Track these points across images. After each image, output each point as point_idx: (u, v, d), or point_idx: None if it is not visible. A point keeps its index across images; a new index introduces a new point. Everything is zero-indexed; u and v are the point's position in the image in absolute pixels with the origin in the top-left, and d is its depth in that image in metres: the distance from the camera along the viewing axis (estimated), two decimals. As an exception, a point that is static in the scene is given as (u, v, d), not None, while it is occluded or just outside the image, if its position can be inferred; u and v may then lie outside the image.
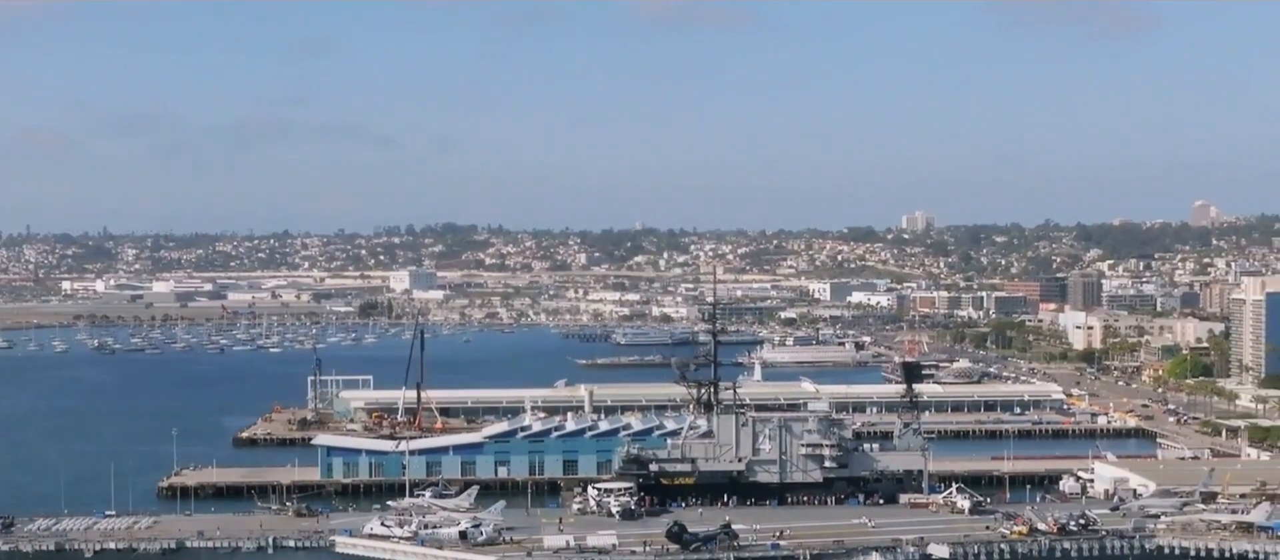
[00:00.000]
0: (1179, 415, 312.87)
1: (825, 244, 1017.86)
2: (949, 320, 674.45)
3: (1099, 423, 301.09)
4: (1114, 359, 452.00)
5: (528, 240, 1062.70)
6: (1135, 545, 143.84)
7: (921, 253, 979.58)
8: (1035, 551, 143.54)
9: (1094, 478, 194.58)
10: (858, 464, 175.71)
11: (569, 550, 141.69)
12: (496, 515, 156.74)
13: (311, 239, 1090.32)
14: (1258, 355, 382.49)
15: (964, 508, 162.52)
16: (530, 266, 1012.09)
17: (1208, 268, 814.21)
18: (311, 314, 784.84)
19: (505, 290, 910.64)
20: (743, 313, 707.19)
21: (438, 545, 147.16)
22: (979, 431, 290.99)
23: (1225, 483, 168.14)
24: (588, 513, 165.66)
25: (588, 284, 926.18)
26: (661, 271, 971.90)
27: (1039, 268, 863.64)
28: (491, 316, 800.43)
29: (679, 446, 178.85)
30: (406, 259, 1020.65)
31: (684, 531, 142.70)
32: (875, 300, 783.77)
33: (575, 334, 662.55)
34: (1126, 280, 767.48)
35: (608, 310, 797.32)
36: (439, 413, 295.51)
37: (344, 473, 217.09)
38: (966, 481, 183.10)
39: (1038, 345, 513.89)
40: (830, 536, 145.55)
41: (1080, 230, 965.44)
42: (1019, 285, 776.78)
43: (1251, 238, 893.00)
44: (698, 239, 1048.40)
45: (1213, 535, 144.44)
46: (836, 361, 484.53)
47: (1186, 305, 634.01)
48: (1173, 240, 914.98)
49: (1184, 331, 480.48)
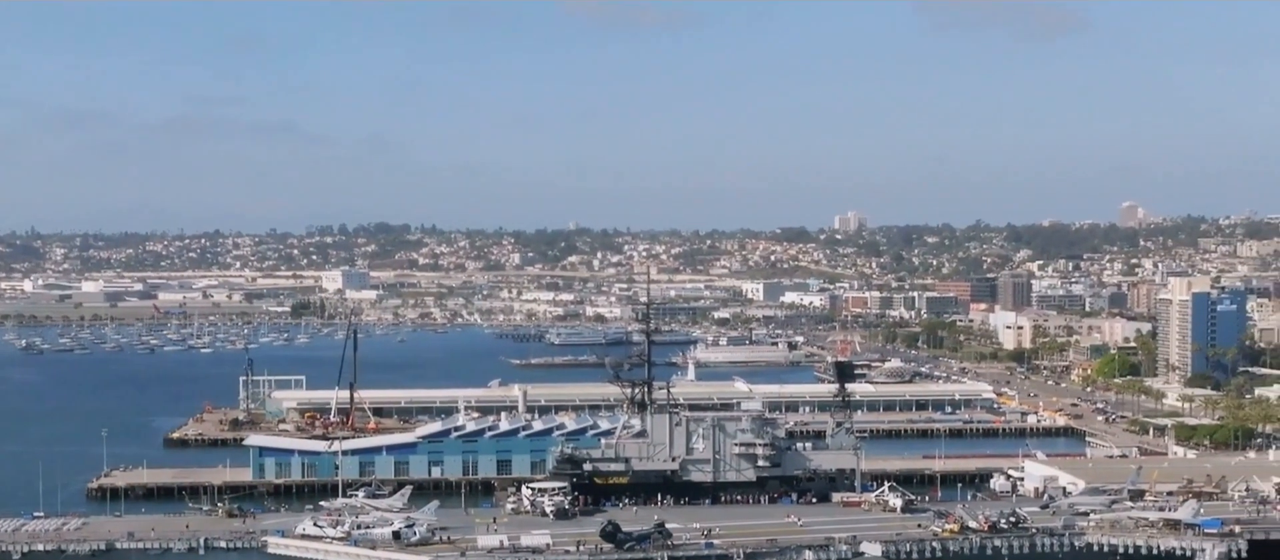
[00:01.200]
0: (1107, 414, 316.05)
1: (758, 244, 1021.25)
2: (881, 320, 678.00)
3: (1029, 422, 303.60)
4: (1043, 359, 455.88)
5: (461, 240, 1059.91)
6: (1065, 543, 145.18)
7: (854, 253, 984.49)
8: (966, 549, 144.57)
9: (1024, 476, 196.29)
10: (791, 463, 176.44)
11: (503, 550, 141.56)
12: (430, 515, 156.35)
13: (243, 238, 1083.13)
14: (1184, 355, 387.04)
15: (896, 506, 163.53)
16: (464, 266, 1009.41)
17: (1135, 268, 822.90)
18: (243, 314, 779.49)
19: (439, 290, 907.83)
20: (676, 313, 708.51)
21: (371, 545, 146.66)
22: (911, 430, 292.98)
23: (1153, 480, 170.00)
24: (522, 512, 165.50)
25: (521, 284, 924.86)
26: (595, 271, 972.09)
27: (970, 268, 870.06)
28: (425, 316, 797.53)
29: (613, 446, 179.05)
30: (339, 259, 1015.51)
31: (618, 531, 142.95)
32: (808, 300, 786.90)
33: (509, 334, 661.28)
34: (1056, 280, 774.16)
35: (541, 310, 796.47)
36: (372, 413, 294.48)
37: (276, 473, 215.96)
38: (898, 480, 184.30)
39: (968, 345, 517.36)
40: (763, 535, 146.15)
41: (1010, 231, 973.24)
42: (950, 285, 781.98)
43: (1178, 239, 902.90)
44: (631, 239, 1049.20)
45: (1140, 532, 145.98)
46: (769, 361, 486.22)
47: (1114, 305, 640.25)
48: (1101, 241, 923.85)
49: (1112, 331, 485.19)
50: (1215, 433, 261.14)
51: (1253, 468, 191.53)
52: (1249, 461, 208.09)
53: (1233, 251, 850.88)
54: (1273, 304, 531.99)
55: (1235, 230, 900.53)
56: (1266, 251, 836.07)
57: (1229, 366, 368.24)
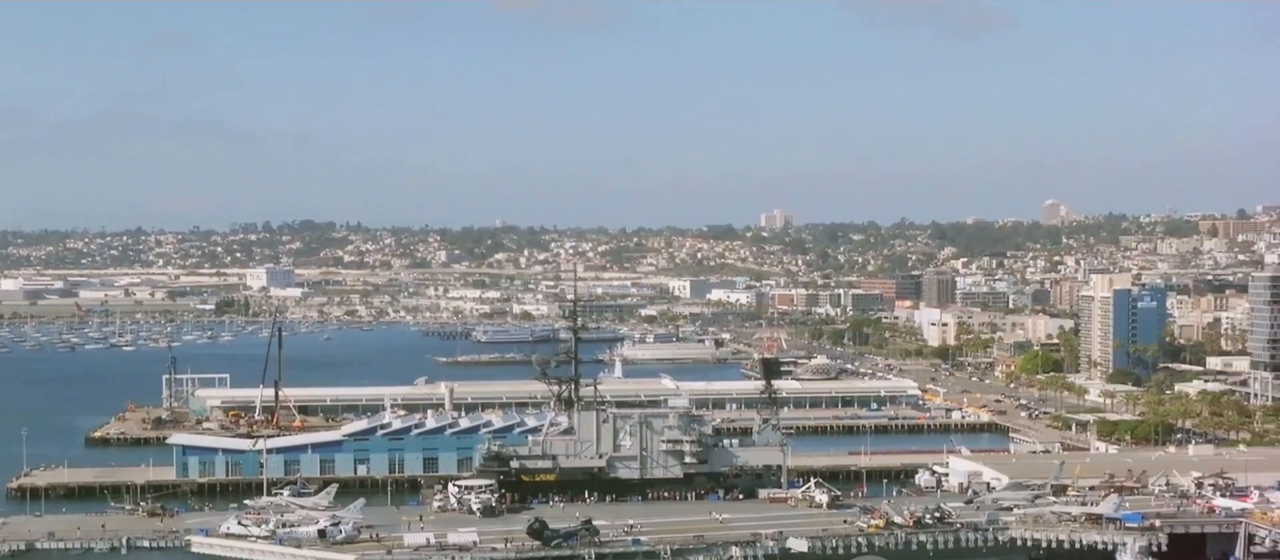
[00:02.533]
0: (1030, 410, 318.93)
1: (685, 242, 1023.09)
2: (807, 317, 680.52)
3: (953, 418, 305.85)
4: (968, 355, 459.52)
5: (387, 237, 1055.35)
6: (988, 537, 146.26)
7: (780, 251, 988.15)
8: (891, 544, 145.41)
9: (948, 472, 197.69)
10: (717, 460, 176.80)
11: (429, 548, 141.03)
12: (356, 513, 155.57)
13: (166, 236, 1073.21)
14: (1105, 351, 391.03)
15: (822, 502, 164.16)
16: (390, 264, 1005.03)
17: (1058, 265, 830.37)
18: (166, 312, 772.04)
19: (364, 288, 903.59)
20: (603, 310, 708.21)
21: (296, 544, 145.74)
22: (836, 427, 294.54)
23: (1075, 475, 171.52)
24: (448, 510, 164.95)
25: (448, 281, 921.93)
26: (522, 269, 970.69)
27: (895, 265, 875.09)
28: (351, 314, 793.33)
29: (540, 443, 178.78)
30: (264, 256, 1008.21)
31: (545, 528, 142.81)
32: (734, 298, 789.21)
33: (435, 331, 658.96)
34: (980, 278, 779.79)
35: (468, 308, 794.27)
36: (298, 411, 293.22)
37: (200, 472, 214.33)
38: (824, 476, 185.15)
39: (894, 342, 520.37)
40: (689, 532, 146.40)
41: (935, 229, 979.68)
42: (875, 283, 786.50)
43: (1099, 236, 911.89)
44: (558, 236, 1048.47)
45: (1063, 527, 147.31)
46: (696, 358, 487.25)
47: (1037, 302, 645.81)
48: (1024, 239, 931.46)
49: (1035, 328, 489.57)
50: (1136, 428, 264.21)
51: (1173, 462, 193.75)
52: (1169, 456, 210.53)
53: (1153, 249, 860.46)
54: (1192, 301, 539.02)
55: (1156, 228, 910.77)
56: (1186, 249, 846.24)
57: (1150, 363, 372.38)
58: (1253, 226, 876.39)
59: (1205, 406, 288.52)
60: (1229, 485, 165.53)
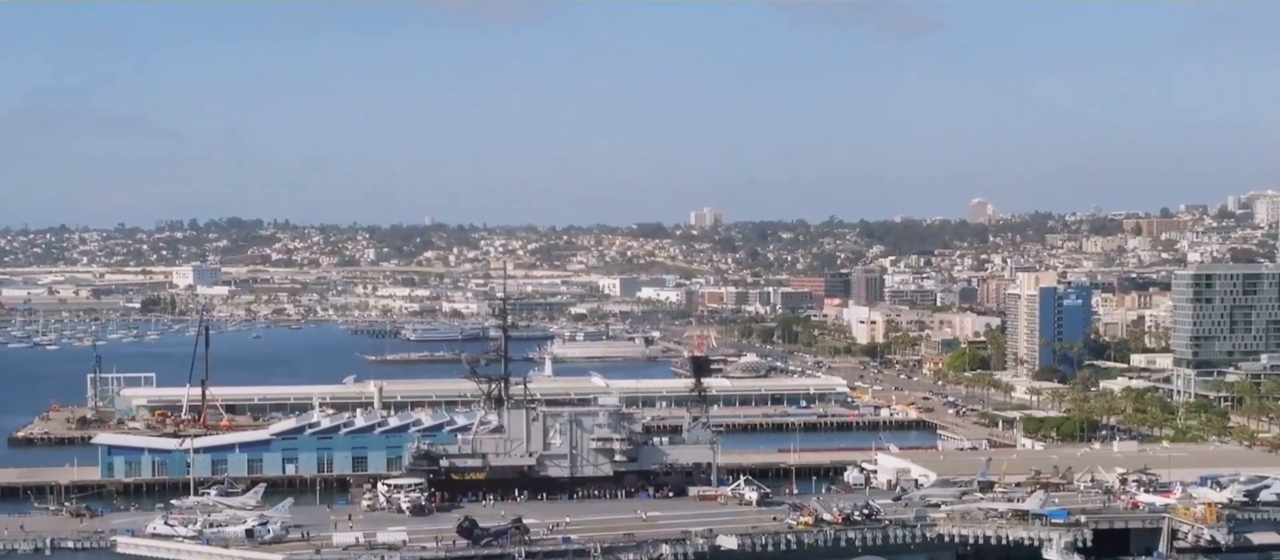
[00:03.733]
0: (958, 407, 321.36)
1: (615, 240, 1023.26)
2: (737, 315, 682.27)
3: (882, 415, 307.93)
4: (896, 353, 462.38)
5: (315, 235, 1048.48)
6: (916, 534, 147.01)
7: (710, 249, 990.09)
8: (821, 541, 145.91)
9: (877, 469, 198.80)
10: (647, 458, 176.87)
11: (358, 547, 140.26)
12: (284, 513, 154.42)
13: (91, 233, 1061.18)
14: (1032, 348, 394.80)
15: (752, 500, 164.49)
16: (318, 262, 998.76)
17: (985, 264, 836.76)
18: (91, 310, 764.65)
19: (292, 286, 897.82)
20: (533, 308, 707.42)
21: (223, 544, 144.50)
22: (766, 425, 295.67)
23: (1002, 472, 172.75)
24: (378, 509, 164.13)
25: (377, 280, 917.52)
26: (451, 267, 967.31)
27: (824, 264, 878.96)
28: (279, 312, 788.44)
29: (469, 442, 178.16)
30: (190, 254, 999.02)
31: (475, 527, 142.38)
32: (664, 296, 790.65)
33: (364, 330, 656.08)
34: (908, 276, 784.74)
35: (397, 306, 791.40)
36: (225, 410, 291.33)
37: (126, 472, 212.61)
38: (754, 474, 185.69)
39: (823, 340, 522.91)
40: (621, 529, 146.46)
41: (863, 227, 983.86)
42: (804, 281, 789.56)
43: (1026, 235, 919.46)
44: (488, 235, 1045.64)
45: (990, 523, 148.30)
46: (626, 356, 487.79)
47: (965, 300, 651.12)
48: (952, 237, 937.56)
49: (962, 326, 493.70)
50: (1062, 425, 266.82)
51: (1098, 458, 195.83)
52: (1094, 452, 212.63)
53: (1078, 247, 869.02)
54: (1116, 299, 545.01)
55: (1081, 227, 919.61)
56: (1110, 247, 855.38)
57: (1075, 360, 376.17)
58: (1176, 225, 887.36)
59: (1129, 403, 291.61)
60: (1152, 481, 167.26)
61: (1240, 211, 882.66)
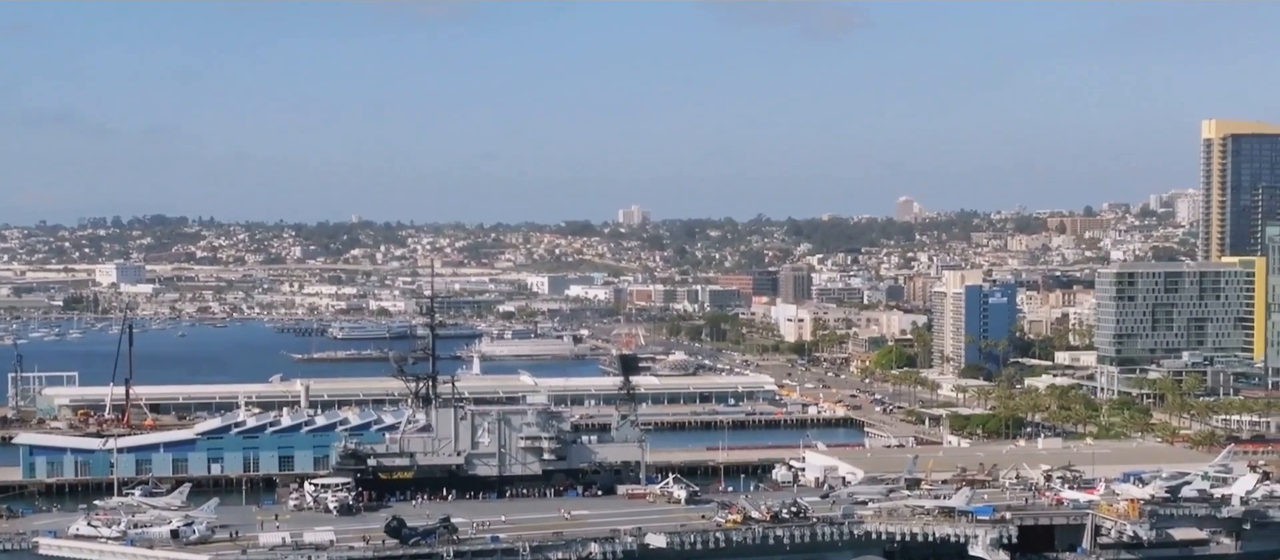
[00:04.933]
0: (885, 405, 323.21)
1: (543, 237, 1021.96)
2: (665, 313, 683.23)
3: (810, 413, 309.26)
4: (823, 351, 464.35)
5: (241, 233, 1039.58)
6: (844, 531, 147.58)
7: (638, 246, 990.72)
8: (749, 539, 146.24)
9: (805, 466, 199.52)
10: (576, 456, 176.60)
11: (285, 547, 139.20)
12: (210, 513, 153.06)
13: (12, 230, 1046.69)
14: (958, 346, 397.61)
15: (680, 498, 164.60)
16: (243, 259, 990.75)
17: (911, 262, 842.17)
18: (11, 308, 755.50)
19: (218, 284, 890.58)
20: (461, 306, 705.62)
21: (148, 545, 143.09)
22: (694, 423, 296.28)
23: (928, 469, 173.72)
24: (304, 509, 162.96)
25: (303, 277, 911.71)
26: (378, 265, 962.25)
27: (752, 261, 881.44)
28: (204, 311, 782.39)
29: (397, 441, 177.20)
30: (113, 252, 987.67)
31: (403, 526, 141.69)
32: (593, 294, 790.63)
33: (291, 328, 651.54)
34: (835, 274, 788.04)
35: (324, 304, 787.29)
36: (149, 409, 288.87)
37: (48, 472, 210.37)
38: (683, 472, 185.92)
39: (751, 338, 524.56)
40: (549, 528, 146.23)
41: (791, 225, 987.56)
42: (732, 279, 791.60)
43: (952, 233, 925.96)
44: (415, 232, 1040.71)
45: (917, 520, 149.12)
46: (555, 355, 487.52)
47: (892, 298, 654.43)
48: (879, 235, 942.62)
49: (889, 324, 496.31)
50: (987, 422, 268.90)
51: (1023, 456, 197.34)
52: (1019, 449, 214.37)
53: (1003, 246, 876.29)
54: (1041, 297, 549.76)
55: (1006, 225, 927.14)
56: (1035, 246, 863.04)
57: (1000, 357, 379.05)
58: (1099, 224, 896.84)
59: (1054, 400, 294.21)
60: (1077, 478, 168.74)
61: (1162, 210, 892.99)
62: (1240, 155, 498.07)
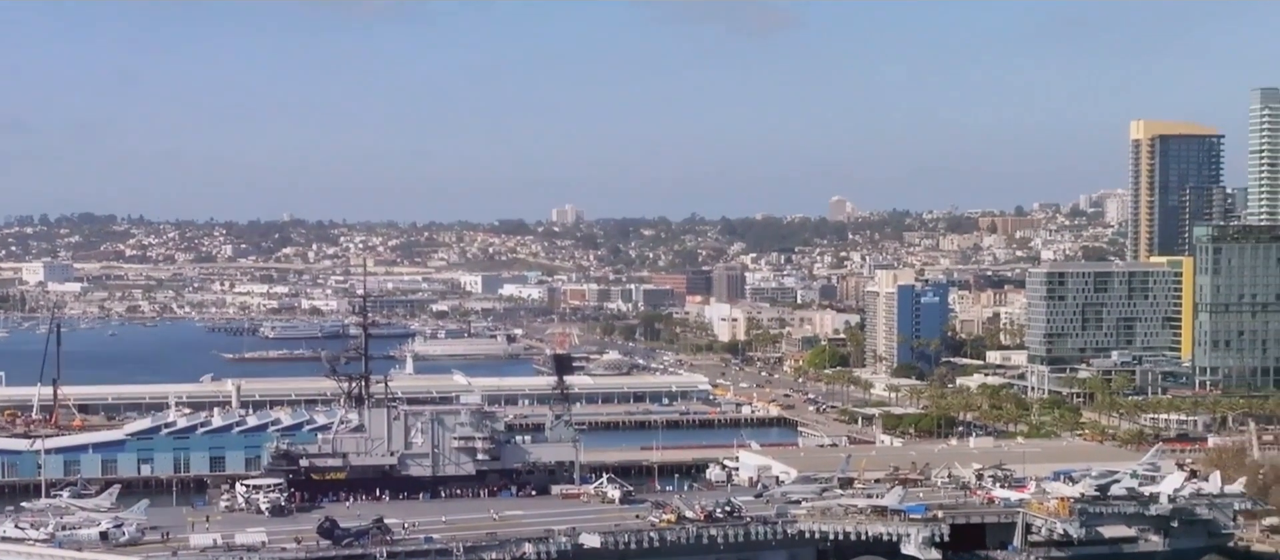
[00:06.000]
0: (818, 404, 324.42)
1: (476, 236, 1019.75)
2: (599, 313, 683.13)
3: (743, 412, 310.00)
4: (757, 350, 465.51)
5: (171, 231, 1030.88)
6: (778, 530, 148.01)
7: (571, 246, 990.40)
8: (683, 538, 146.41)
9: (739, 466, 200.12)
10: (510, 456, 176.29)
11: (216, 549, 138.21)
12: (140, 515, 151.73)
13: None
14: (890, 345, 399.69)
15: (614, 498, 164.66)
16: (174, 258, 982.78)
17: (844, 261, 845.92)
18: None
19: (147, 282, 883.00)
20: (394, 305, 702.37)
21: (77, 547, 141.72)
22: (628, 422, 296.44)
23: (861, 468, 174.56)
24: (236, 510, 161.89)
25: (234, 276, 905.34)
26: (311, 264, 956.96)
27: (685, 261, 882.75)
28: (133, 310, 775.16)
29: (330, 441, 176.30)
30: (41, 250, 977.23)
31: (335, 527, 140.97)
32: (526, 293, 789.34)
33: (222, 327, 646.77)
34: (768, 273, 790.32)
35: (255, 303, 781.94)
36: (77, 409, 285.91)
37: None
38: (617, 471, 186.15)
39: (685, 337, 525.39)
40: (483, 528, 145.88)
41: (725, 224, 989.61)
42: (666, 278, 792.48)
43: (884, 233, 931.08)
44: (348, 231, 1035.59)
45: (850, 519, 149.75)
46: (488, 354, 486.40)
47: (825, 297, 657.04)
48: (812, 234, 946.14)
49: (822, 323, 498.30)
50: (919, 421, 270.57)
51: (954, 454, 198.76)
52: (951, 448, 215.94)
53: (935, 245, 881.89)
54: (973, 296, 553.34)
55: (938, 225, 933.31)
56: (967, 245, 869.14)
57: (932, 357, 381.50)
58: (1030, 223, 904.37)
59: (985, 399, 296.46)
60: (1007, 476, 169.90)
61: (1092, 210, 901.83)
62: (1168, 156, 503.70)
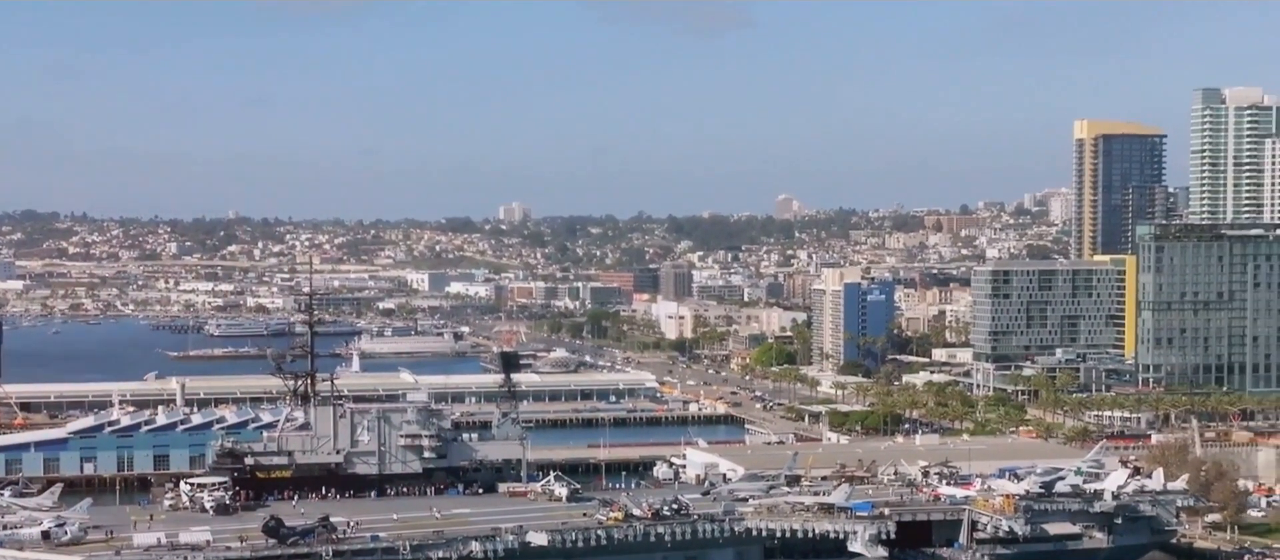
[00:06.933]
0: (765, 402, 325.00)
1: (423, 234, 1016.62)
2: (546, 310, 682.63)
3: (691, 410, 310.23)
4: (704, 348, 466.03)
5: (114, 228, 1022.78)
6: (725, 528, 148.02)
7: (519, 243, 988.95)
8: (631, 536, 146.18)
9: (686, 463, 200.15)
10: (457, 454, 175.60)
11: (160, 548, 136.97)
12: (82, 513, 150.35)
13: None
14: (837, 343, 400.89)
15: (561, 495, 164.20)
16: (117, 256, 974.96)
17: (791, 259, 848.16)
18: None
19: (91, 280, 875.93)
20: (340, 303, 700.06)
21: (18, 546, 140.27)
22: (576, 420, 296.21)
23: (808, 466, 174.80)
24: (180, 509, 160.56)
25: (179, 274, 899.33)
26: (256, 261, 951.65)
27: (633, 259, 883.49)
28: (76, 307, 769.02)
29: (275, 440, 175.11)
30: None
31: (281, 526, 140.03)
32: (473, 291, 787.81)
33: (166, 325, 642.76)
34: (716, 271, 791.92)
35: (200, 301, 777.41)
36: (20, 408, 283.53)
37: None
38: (564, 469, 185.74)
39: (632, 335, 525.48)
40: (429, 527, 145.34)
41: (672, 222, 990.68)
42: (613, 276, 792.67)
43: (830, 231, 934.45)
44: (294, 229, 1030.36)
45: (797, 516, 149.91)
46: (435, 352, 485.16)
47: (771, 295, 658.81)
48: (759, 232, 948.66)
49: (769, 321, 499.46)
50: (866, 419, 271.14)
51: (901, 452, 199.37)
52: (897, 446, 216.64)
53: (881, 243, 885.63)
54: (918, 294, 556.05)
55: (884, 223, 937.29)
56: (912, 243, 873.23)
57: (878, 354, 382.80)
58: (975, 222, 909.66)
59: (931, 397, 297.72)
60: (953, 474, 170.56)
61: (1036, 209, 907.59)
62: (1111, 155, 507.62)
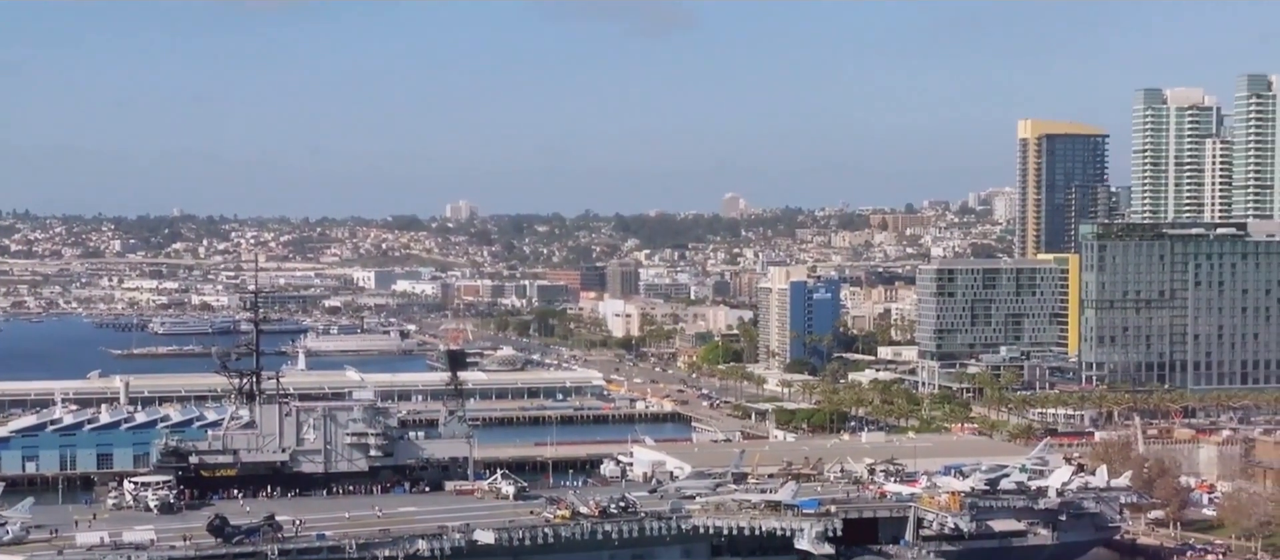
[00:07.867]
0: (712, 400, 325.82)
1: (369, 232, 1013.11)
2: (493, 308, 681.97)
3: (637, 408, 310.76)
4: (651, 346, 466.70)
5: (57, 226, 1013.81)
6: (672, 525, 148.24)
7: (465, 241, 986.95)
8: (578, 534, 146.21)
9: (633, 461, 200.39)
10: (403, 452, 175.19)
11: (104, 547, 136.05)
12: (24, 513, 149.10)
13: None
14: (783, 341, 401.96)
15: (508, 493, 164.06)
16: (60, 253, 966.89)
17: (738, 258, 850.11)
18: None
19: (33, 278, 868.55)
20: (286, 301, 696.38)
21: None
22: (523, 418, 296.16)
23: (754, 463, 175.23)
24: (124, 508, 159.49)
25: (123, 272, 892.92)
26: (201, 259, 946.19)
27: (579, 257, 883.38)
28: (18, 305, 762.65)
29: (220, 438, 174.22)
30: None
31: (226, 524, 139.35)
32: (420, 289, 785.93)
33: (110, 323, 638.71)
34: (662, 269, 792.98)
35: (145, 299, 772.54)
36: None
37: None
38: (511, 467, 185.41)
39: (579, 333, 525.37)
40: (376, 525, 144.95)
41: (619, 220, 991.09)
42: (560, 274, 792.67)
43: (777, 229, 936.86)
44: (239, 226, 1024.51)
45: (744, 514, 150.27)
46: (381, 350, 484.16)
47: (718, 293, 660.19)
48: (705, 231, 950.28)
49: (716, 319, 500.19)
50: (812, 416, 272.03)
51: (847, 450, 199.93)
52: (843, 443, 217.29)
53: (827, 242, 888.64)
54: (864, 293, 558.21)
55: (830, 222, 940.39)
56: (858, 242, 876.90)
57: (825, 352, 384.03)
58: (920, 221, 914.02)
59: (877, 394, 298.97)
60: (899, 471, 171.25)
61: (980, 208, 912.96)
62: (1054, 155, 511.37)
